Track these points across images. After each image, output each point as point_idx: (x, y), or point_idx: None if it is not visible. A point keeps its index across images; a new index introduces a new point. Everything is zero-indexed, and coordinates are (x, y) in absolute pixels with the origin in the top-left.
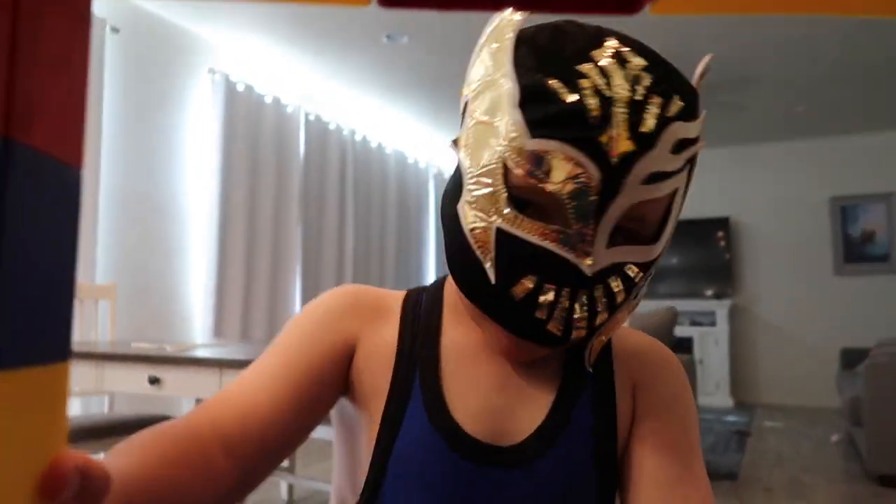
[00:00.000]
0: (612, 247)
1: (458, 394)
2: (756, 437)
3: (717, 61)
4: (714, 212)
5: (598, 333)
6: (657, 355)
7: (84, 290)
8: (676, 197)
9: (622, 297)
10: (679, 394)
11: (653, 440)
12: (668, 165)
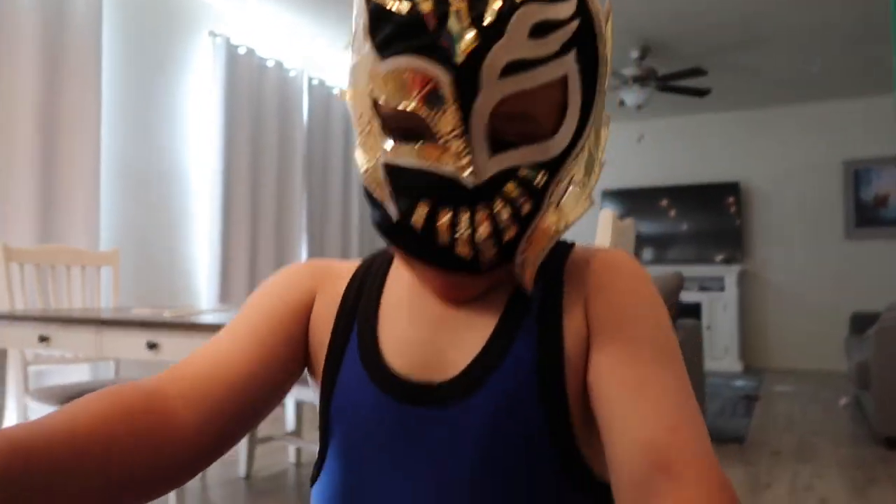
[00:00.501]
0: (497, 153)
1: (392, 338)
2: (765, 402)
3: (729, 21)
4: (724, 177)
5: (522, 250)
6: (606, 260)
7: (86, 256)
8: (571, 84)
9: (527, 204)
10: (635, 292)
11: (608, 349)
12: (528, 53)
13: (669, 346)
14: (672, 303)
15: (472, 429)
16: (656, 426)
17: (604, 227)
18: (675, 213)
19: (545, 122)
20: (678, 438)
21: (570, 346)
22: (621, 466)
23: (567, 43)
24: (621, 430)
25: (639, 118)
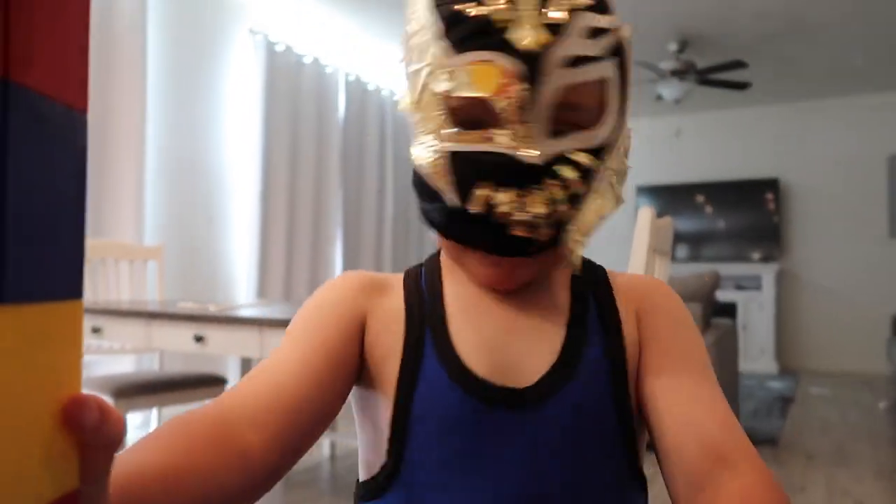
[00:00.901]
0: (554, 138)
1: (469, 343)
2: (801, 404)
3: (770, 12)
4: (762, 173)
5: (571, 231)
6: (652, 284)
7: (133, 251)
8: (609, 87)
9: (579, 184)
10: (681, 317)
11: (665, 363)
12: (586, 50)
13: (709, 364)
14: (708, 301)
15: (553, 431)
16: (712, 426)
17: (642, 225)
18: (711, 209)
19: (591, 114)
20: (732, 436)
21: (630, 354)
22: (680, 462)
23: (611, 49)
24: (681, 430)
25: (676, 112)
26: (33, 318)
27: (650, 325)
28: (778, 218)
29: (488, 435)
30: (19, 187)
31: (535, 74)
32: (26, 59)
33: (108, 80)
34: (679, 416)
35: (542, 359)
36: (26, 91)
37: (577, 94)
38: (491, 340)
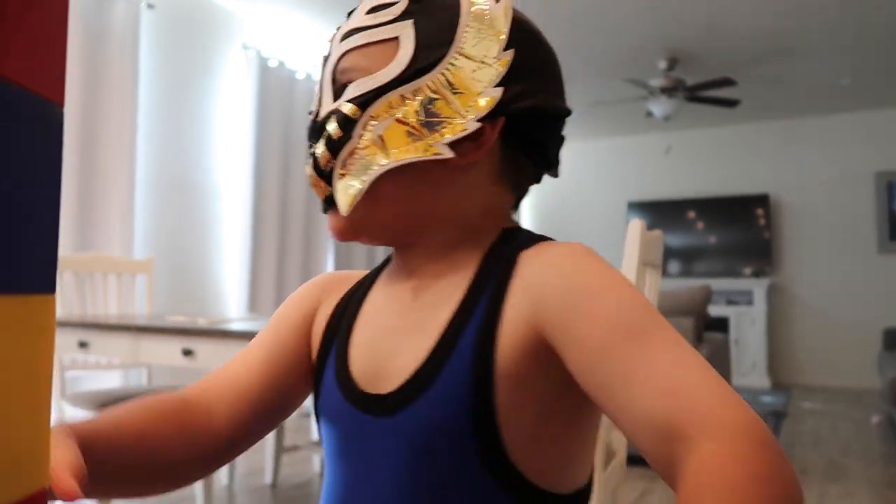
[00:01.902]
0: (337, 99)
1: (359, 345)
2: (793, 419)
3: (758, 31)
4: (753, 189)
5: (338, 176)
6: (553, 254)
7: (122, 264)
8: (402, 42)
9: (339, 132)
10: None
11: (579, 347)
12: (361, 23)
13: (641, 318)
14: (700, 316)
15: (404, 439)
16: (653, 402)
17: (632, 237)
18: (702, 225)
19: (376, 69)
20: (680, 402)
21: (505, 356)
22: (646, 454)
23: (398, 14)
24: (628, 420)
25: (666, 129)
26: (4, 310)
27: (553, 318)
28: (768, 233)
29: (356, 437)
30: None
31: (328, 54)
32: (1, 49)
33: (100, 92)
34: (620, 406)
35: (413, 359)
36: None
37: (354, 57)
38: (372, 341)
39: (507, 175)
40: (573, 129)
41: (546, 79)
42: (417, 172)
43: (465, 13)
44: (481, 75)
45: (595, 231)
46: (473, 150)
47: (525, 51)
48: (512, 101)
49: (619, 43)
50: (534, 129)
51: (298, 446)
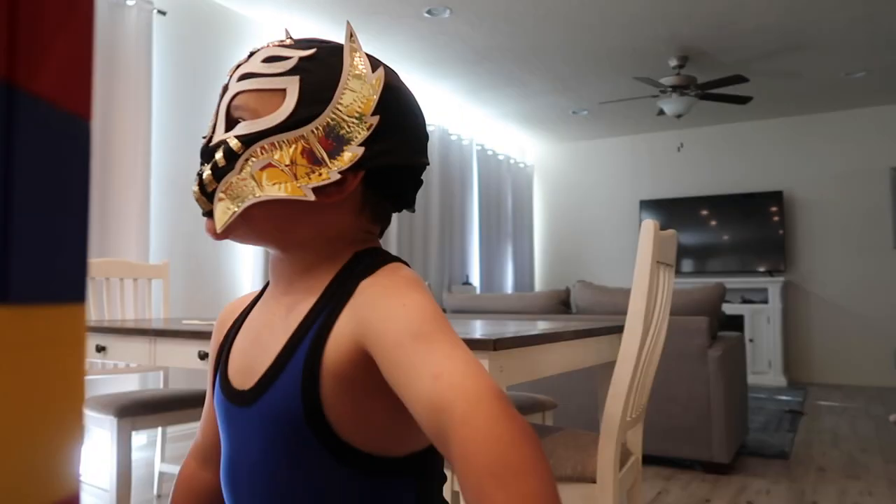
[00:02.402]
0: (228, 131)
1: (238, 348)
2: (811, 417)
3: (770, 27)
4: (767, 185)
5: (218, 199)
6: (376, 281)
7: (138, 269)
8: (288, 96)
9: (223, 162)
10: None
11: (382, 352)
12: (257, 69)
13: (429, 326)
14: (714, 314)
15: (260, 425)
16: (422, 385)
17: (646, 237)
18: (716, 223)
19: (263, 112)
20: (441, 384)
21: (331, 361)
22: (426, 430)
23: (290, 70)
24: (412, 403)
25: (678, 127)
26: (38, 319)
27: (368, 330)
28: (783, 230)
29: (232, 423)
30: (24, 193)
31: (226, 89)
32: (33, 64)
33: (114, 99)
34: (406, 395)
35: (267, 362)
36: (32, 97)
37: (245, 98)
38: (245, 346)
39: (367, 210)
40: (584, 128)
41: (407, 139)
42: (285, 204)
43: (345, 75)
44: (350, 133)
45: (607, 230)
46: (336, 193)
47: (391, 115)
48: (373, 158)
49: (629, 41)
50: (392, 180)
51: None
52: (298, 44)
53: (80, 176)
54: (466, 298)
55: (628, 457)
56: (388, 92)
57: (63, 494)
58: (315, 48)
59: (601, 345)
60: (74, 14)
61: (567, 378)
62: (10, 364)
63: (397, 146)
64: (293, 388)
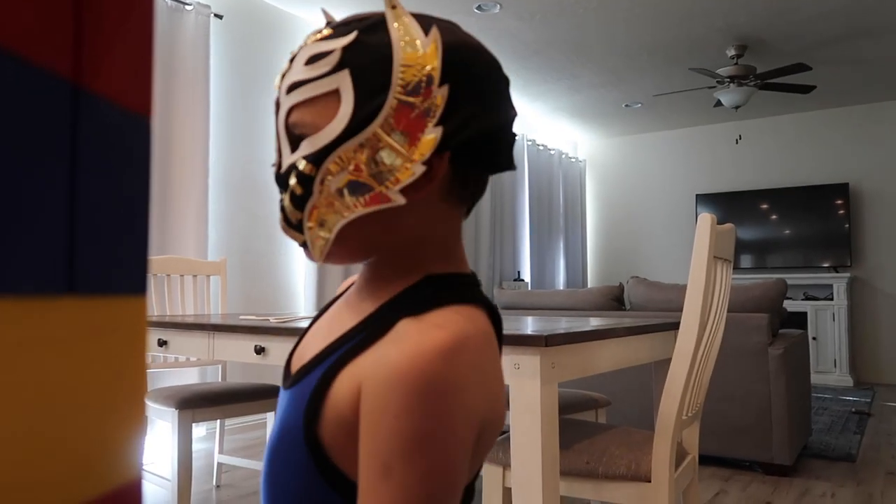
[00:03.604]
0: (294, 150)
1: (308, 336)
2: (878, 419)
3: (833, 12)
4: (832, 178)
5: (306, 228)
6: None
7: (197, 266)
8: (343, 94)
9: (300, 189)
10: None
11: (361, 444)
12: (301, 76)
13: (401, 463)
14: (775, 310)
15: (284, 412)
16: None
17: (702, 231)
18: (776, 217)
19: (320, 125)
20: None
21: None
22: None
23: (335, 65)
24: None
25: (736, 118)
26: (102, 310)
27: (360, 416)
28: (849, 224)
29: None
30: (88, 191)
31: (278, 105)
32: (95, 63)
33: (173, 101)
34: None
35: (311, 354)
36: (95, 96)
37: (300, 113)
38: (312, 336)
39: (454, 191)
40: (638, 121)
41: (484, 101)
42: (375, 215)
43: (397, 53)
44: (423, 113)
45: (662, 225)
46: (425, 184)
47: (460, 81)
48: (455, 133)
49: (684, 32)
50: (481, 148)
51: None
52: (337, 31)
53: (140, 172)
54: (517, 295)
55: (684, 456)
56: (450, 52)
57: (125, 480)
58: (356, 30)
59: (656, 342)
60: (134, 12)
61: (621, 375)
62: (77, 352)
63: (478, 110)
64: (306, 393)
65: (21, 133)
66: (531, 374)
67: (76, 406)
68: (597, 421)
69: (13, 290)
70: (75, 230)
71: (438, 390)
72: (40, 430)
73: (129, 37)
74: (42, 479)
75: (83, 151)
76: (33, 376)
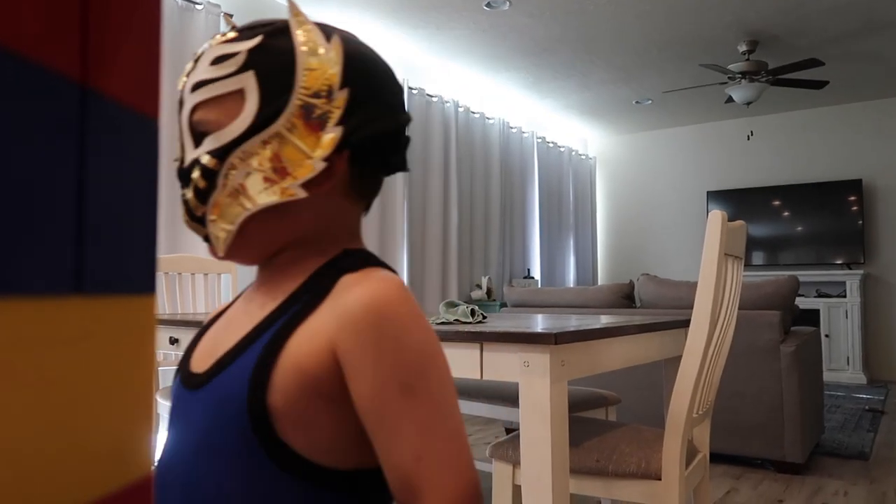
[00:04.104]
0: (198, 147)
1: (207, 338)
2: (892, 416)
3: (846, 7)
4: (845, 174)
5: (210, 222)
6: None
7: (208, 265)
8: (247, 94)
9: (203, 183)
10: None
11: (362, 388)
12: (207, 75)
13: (416, 374)
14: (787, 308)
15: (203, 412)
16: (402, 457)
17: (713, 228)
18: (788, 213)
19: (226, 122)
20: (421, 467)
21: (291, 356)
22: (392, 490)
23: (241, 65)
24: (382, 458)
25: (747, 114)
26: (111, 309)
27: (347, 346)
28: (861, 221)
29: (177, 413)
30: (96, 191)
31: (182, 99)
32: (103, 65)
33: None
34: (378, 446)
35: (230, 345)
36: (103, 98)
37: (204, 111)
38: (215, 336)
39: (354, 188)
40: (648, 118)
41: (381, 104)
42: (278, 209)
43: (300, 57)
44: (324, 114)
45: (672, 222)
46: (326, 180)
47: (359, 86)
48: (354, 133)
49: (694, 28)
50: (378, 148)
51: None
52: (243, 34)
53: (147, 173)
54: (527, 292)
55: (695, 454)
56: (349, 59)
57: (136, 477)
58: (261, 35)
59: (666, 339)
60: (141, 13)
61: (631, 373)
62: (85, 351)
63: (376, 113)
64: (244, 372)
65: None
66: (541, 371)
67: (86, 405)
68: (607, 419)
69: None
70: (83, 231)
71: (415, 310)
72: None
73: (135, 37)
74: (53, 477)
75: (91, 152)
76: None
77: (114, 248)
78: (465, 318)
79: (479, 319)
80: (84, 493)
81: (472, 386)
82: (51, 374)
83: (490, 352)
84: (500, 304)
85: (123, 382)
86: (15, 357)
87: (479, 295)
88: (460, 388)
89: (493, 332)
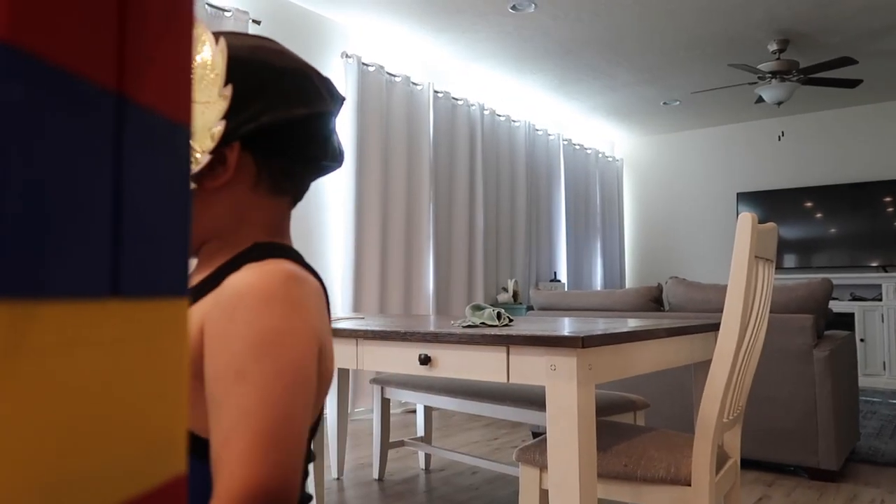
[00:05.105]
0: None
1: None
2: None
3: (878, 4)
4: (880, 174)
5: None
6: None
7: None
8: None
9: None
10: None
11: (207, 371)
12: None
13: (253, 364)
14: (820, 311)
15: None
16: (216, 438)
17: (743, 231)
18: (821, 215)
19: None
20: (224, 452)
21: None
22: None
23: None
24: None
25: (778, 114)
26: (146, 311)
27: (206, 342)
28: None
29: None
30: (132, 197)
31: None
32: (138, 74)
33: None
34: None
35: None
36: (139, 107)
37: None
38: None
39: (263, 183)
40: (676, 119)
41: (273, 96)
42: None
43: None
44: (209, 115)
45: (701, 225)
46: (222, 172)
47: (244, 82)
48: (239, 127)
49: (722, 27)
50: (274, 139)
51: (404, 442)
52: None
53: (180, 178)
54: (554, 296)
55: (726, 460)
56: (235, 59)
57: (171, 475)
58: None
59: (695, 343)
60: (175, 23)
61: (660, 377)
62: (121, 353)
63: (263, 107)
64: None
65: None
66: (568, 375)
67: (122, 405)
68: (635, 423)
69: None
70: (120, 235)
71: (279, 297)
72: (87, 429)
73: (169, 46)
74: (90, 475)
75: (126, 159)
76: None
77: (149, 252)
78: (492, 321)
79: (506, 323)
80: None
81: (498, 389)
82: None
83: (517, 355)
84: (526, 307)
85: (158, 383)
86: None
87: (505, 298)
88: (485, 390)
89: (519, 336)
